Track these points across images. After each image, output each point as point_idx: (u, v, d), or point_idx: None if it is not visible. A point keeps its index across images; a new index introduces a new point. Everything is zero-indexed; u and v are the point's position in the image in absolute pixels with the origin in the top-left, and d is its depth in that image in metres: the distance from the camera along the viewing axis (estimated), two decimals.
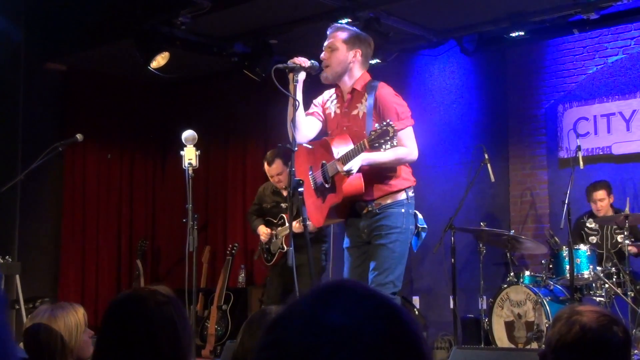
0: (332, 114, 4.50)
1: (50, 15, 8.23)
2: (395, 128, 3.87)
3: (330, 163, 4.28)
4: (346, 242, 4.53)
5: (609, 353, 2.05)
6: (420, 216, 4.40)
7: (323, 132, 4.55)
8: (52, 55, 8.63)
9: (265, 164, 6.53)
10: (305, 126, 4.44)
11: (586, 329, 2.04)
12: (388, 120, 3.91)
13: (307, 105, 4.50)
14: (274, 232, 6.58)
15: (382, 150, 3.93)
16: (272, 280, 6.68)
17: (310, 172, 4.51)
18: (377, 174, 4.29)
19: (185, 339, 2.18)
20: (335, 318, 0.99)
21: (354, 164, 4.13)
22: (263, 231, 6.62)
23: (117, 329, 2.14)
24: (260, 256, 6.75)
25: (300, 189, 4.05)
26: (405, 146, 4.25)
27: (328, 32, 4.46)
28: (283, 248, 6.44)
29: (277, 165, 6.41)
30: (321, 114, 4.57)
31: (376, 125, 3.96)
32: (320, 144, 4.45)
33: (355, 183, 4.22)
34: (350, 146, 4.18)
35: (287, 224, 6.41)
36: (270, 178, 6.57)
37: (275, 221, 6.64)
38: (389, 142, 3.86)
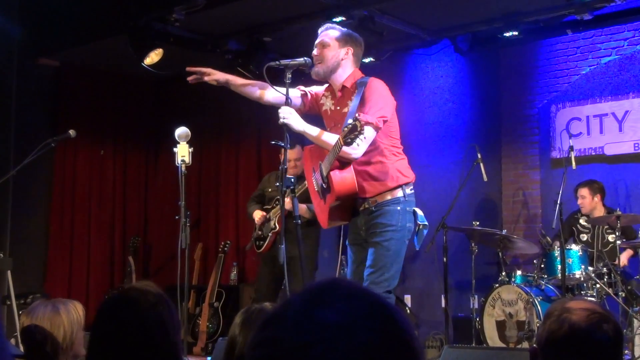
0: (329, 111, 4.51)
1: (43, 11, 8.21)
2: (362, 122, 3.81)
3: (323, 162, 4.30)
4: (347, 240, 4.54)
5: (598, 352, 2.04)
6: (420, 213, 4.34)
7: (301, 112, 4.51)
8: (45, 51, 8.60)
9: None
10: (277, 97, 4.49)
11: (575, 328, 2.04)
12: (356, 115, 3.88)
13: None
14: (268, 215, 6.54)
15: (354, 145, 3.91)
16: (263, 275, 6.63)
17: (313, 174, 4.53)
18: (371, 172, 4.28)
19: (177, 335, 2.19)
20: (328, 316, 0.99)
21: (301, 127, 4.21)
22: (257, 215, 6.59)
23: (111, 331, 2.14)
24: (252, 246, 6.70)
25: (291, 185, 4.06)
26: None
27: (319, 32, 4.48)
28: (275, 228, 6.41)
29: (297, 150, 6.32)
30: (309, 96, 4.59)
31: (349, 121, 3.91)
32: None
33: (347, 182, 4.21)
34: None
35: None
36: (288, 161, 6.46)
37: (270, 206, 6.60)
38: (359, 137, 3.82)
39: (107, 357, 2.13)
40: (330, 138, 4.19)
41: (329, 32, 4.43)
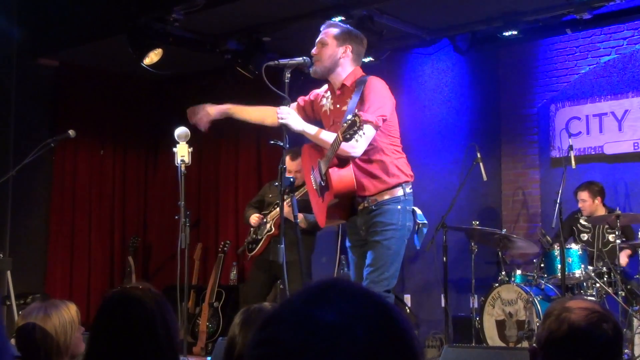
0: (328, 111, 4.49)
1: (42, 10, 8.20)
2: (361, 119, 3.80)
3: (322, 159, 4.29)
4: (348, 242, 4.52)
5: (598, 351, 2.04)
6: (419, 212, 4.33)
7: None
8: (44, 51, 8.60)
9: (288, 158, 6.14)
10: (260, 114, 4.69)
11: (575, 327, 2.04)
12: (355, 111, 3.87)
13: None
14: (265, 218, 6.51)
15: (353, 140, 3.89)
16: (253, 280, 6.57)
17: (312, 172, 4.51)
18: (371, 170, 4.27)
19: (177, 335, 2.21)
20: (328, 316, 0.99)
21: (298, 125, 4.26)
22: (254, 217, 6.54)
23: (115, 329, 2.15)
24: (244, 250, 6.66)
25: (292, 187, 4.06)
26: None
27: (321, 29, 4.47)
28: (271, 230, 6.38)
29: (299, 162, 6.24)
30: (302, 104, 4.60)
31: (348, 117, 3.89)
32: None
33: (346, 180, 4.20)
34: None
35: (278, 210, 6.34)
36: (288, 172, 6.38)
37: (268, 211, 6.57)
38: (358, 133, 3.81)
39: (109, 355, 2.14)
40: (329, 136, 4.18)
41: (329, 30, 4.41)
